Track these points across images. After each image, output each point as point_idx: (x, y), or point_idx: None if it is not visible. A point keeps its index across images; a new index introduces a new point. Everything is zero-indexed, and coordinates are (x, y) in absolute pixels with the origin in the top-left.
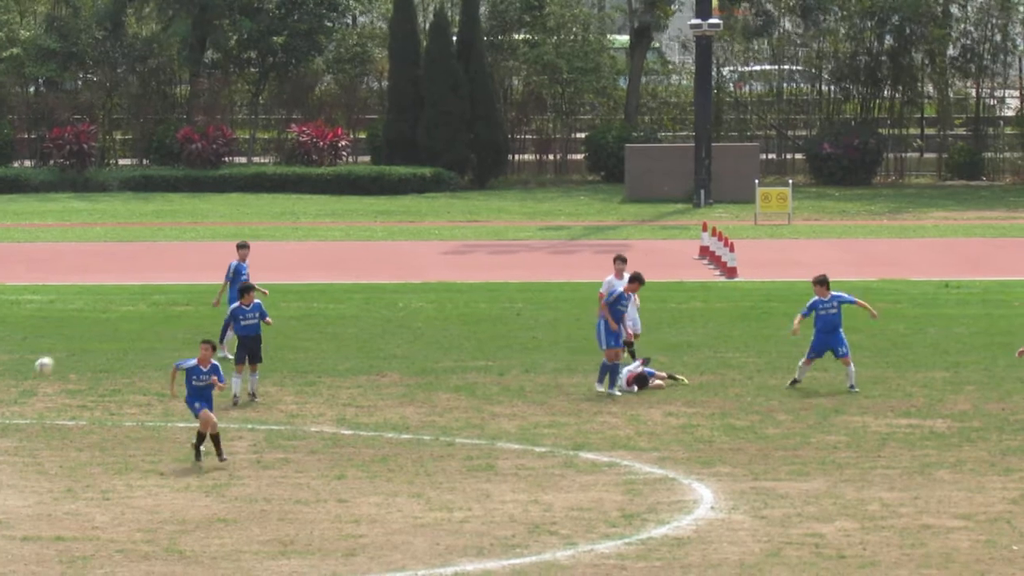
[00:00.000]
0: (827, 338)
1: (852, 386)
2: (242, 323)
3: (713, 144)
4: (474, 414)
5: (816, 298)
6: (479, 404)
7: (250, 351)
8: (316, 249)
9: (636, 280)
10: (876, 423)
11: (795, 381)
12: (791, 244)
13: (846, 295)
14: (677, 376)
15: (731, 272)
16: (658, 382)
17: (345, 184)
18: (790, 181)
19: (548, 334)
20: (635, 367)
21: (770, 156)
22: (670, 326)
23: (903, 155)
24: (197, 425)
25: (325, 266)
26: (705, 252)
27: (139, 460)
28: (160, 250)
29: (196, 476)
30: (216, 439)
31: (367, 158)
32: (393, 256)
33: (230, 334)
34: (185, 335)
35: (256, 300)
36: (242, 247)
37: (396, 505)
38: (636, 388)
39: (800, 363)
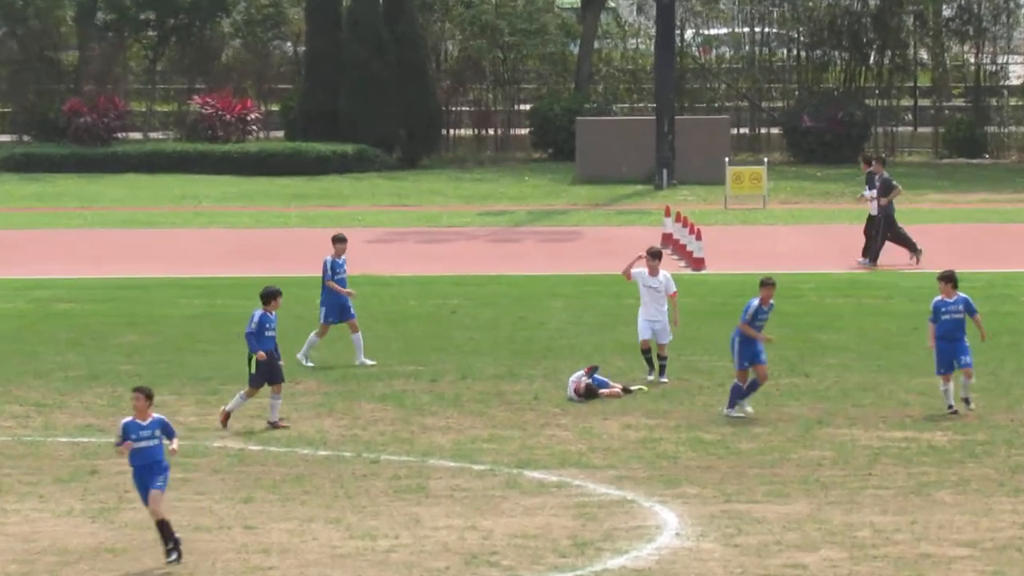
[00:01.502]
0: (950, 347)
1: (967, 400)
2: (266, 334)
3: (677, 117)
4: (402, 427)
5: (939, 298)
6: (408, 415)
7: (270, 372)
8: (221, 238)
9: (768, 285)
10: (866, 436)
11: (950, 407)
12: (767, 231)
13: (972, 302)
14: (632, 387)
15: (698, 263)
16: (615, 389)
17: (255, 163)
18: (765, 159)
19: (488, 335)
20: (578, 377)
21: (742, 131)
22: (627, 325)
23: (894, 129)
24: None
25: (231, 257)
26: (668, 241)
27: (15, 481)
28: (42, 239)
29: (80, 499)
30: (163, 527)
31: (280, 134)
32: (309, 246)
33: (313, 338)
34: (68, 335)
35: (275, 313)
36: (339, 240)
37: (312, 532)
38: (579, 397)
39: (941, 388)
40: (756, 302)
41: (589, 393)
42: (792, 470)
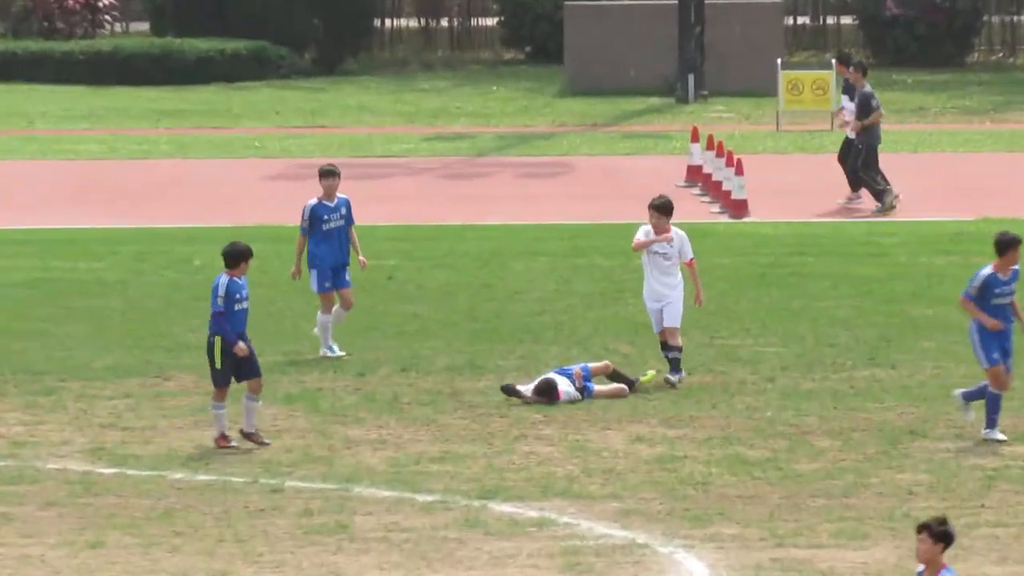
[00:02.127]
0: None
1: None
2: (238, 308)
3: (709, 1)
4: (317, 440)
5: (990, 272)
6: (325, 424)
7: (241, 361)
8: (61, 172)
9: (1011, 245)
10: (977, 452)
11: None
12: (836, 163)
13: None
14: (635, 378)
15: (739, 208)
16: (612, 386)
17: (109, 68)
18: (833, 61)
19: (439, 310)
20: (567, 378)
21: (801, 21)
22: (636, 295)
23: (1015, 19)
24: None
25: (75, 200)
26: (696, 176)
27: None
28: None
29: None
30: None
31: (144, 26)
32: (186, 184)
33: (321, 317)
34: None
35: (245, 277)
36: (327, 175)
37: None
38: (535, 396)
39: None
40: (987, 270)
41: (546, 391)
42: (872, 501)
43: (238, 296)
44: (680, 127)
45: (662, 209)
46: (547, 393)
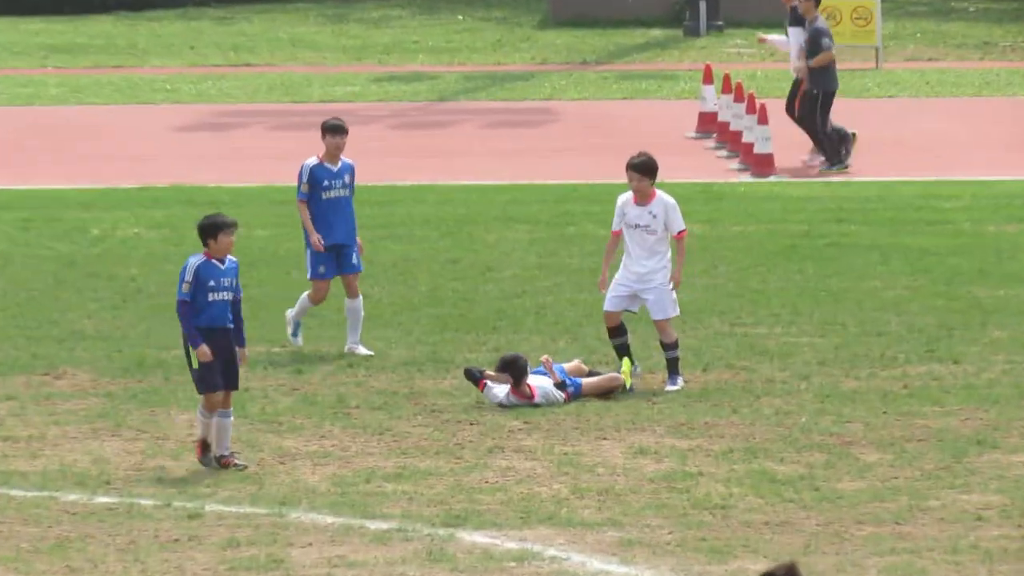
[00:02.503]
0: None
1: None
2: (213, 298)
3: None
4: (244, 452)
5: None
6: (254, 432)
7: (230, 362)
8: None
9: None
10: None
11: None
12: (881, 110)
13: None
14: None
15: (763, 164)
16: (604, 377)
17: None
18: None
19: (392, 291)
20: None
21: None
22: None
23: None
24: None
25: None
26: (711, 125)
27: None
28: None
29: None
30: None
31: None
32: (81, 136)
33: (294, 312)
34: None
35: (230, 257)
36: (333, 131)
37: None
38: (498, 373)
39: None
40: None
41: (511, 365)
42: (931, 528)
43: (212, 283)
44: (690, 65)
45: (643, 169)
46: (513, 368)
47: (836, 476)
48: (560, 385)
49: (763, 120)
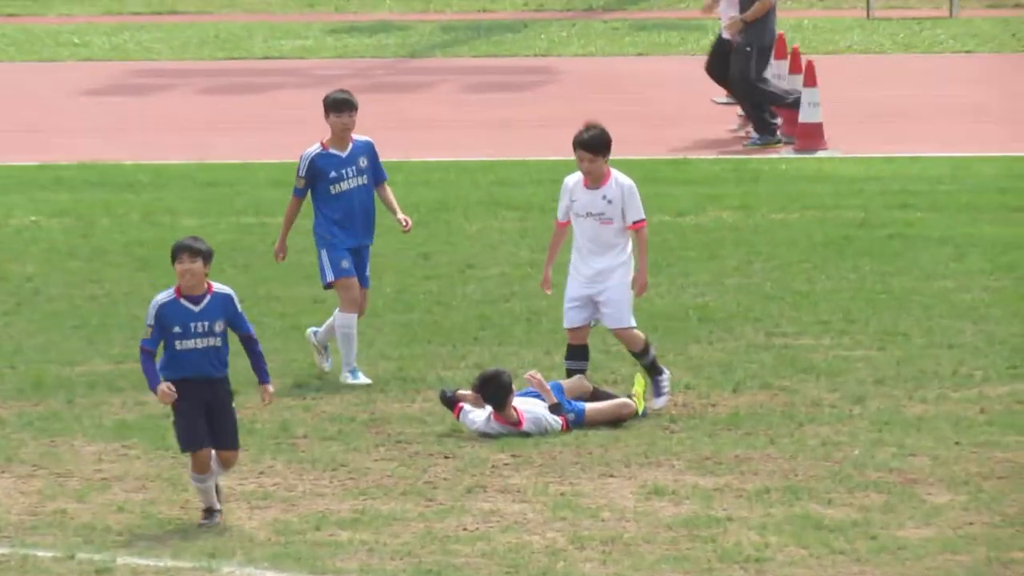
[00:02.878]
0: None
1: None
2: (181, 347)
3: None
4: (164, 492)
5: None
6: (177, 467)
7: (216, 415)
8: None
9: None
10: None
11: None
12: (957, 66)
13: None
14: (632, 397)
15: (810, 136)
16: (613, 403)
17: None
18: None
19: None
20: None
21: None
22: (665, 269)
23: None
24: None
25: None
26: None
27: None
28: None
29: None
30: None
31: None
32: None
33: (341, 316)
34: None
35: (218, 291)
36: (340, 107)
37: None
38: (476, 394)
39: None
40: None
41: (492, 381)
42: None
43: (178, 328)
44: (719, 13)
45: (595, 146)
46: (491, 387)
47: (897, 522)
48: (556, 408)
49: (811, 81)
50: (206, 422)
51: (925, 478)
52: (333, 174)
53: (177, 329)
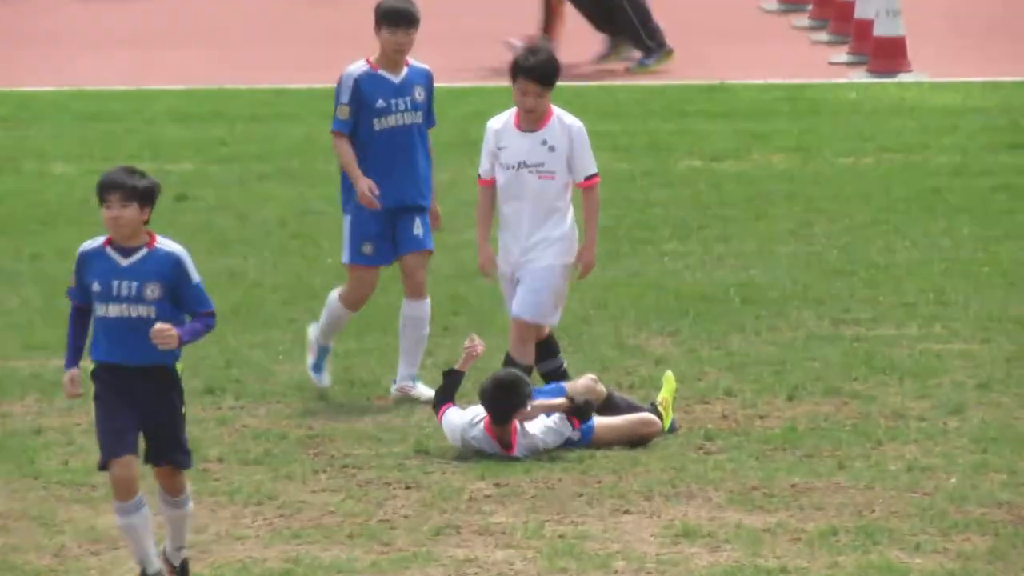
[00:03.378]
0: None
1: None
2: (99, 315)
3: None
4: (32, 534)
5: None
6: (43, 496)
7: (146, 423)
8: None
9: None
10: None
11: None
12: None
13: None
14: (651, 404)
15: (889, 54)
16: (630, 419)
17: None
18: None
19: (280, 268)
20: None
21: None
22: (696, 233)
23: None
24: None
25: None
26: None
27: None
28: None
29: None
30: None
31: None
32: None
33: (317, 329)
34: None
35: (161, 246)
36: (394, 20)
37: None
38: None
39: None
40: None
41: (507, 389)
42: None
43: (97, 285)
44: None
45: (544, 75)
46: (507, 394)
47: (1009, 572)
48: (573, 411)
49: None
50: (136, 426)
51: None
52: (380, 103)
53: (96, 287)
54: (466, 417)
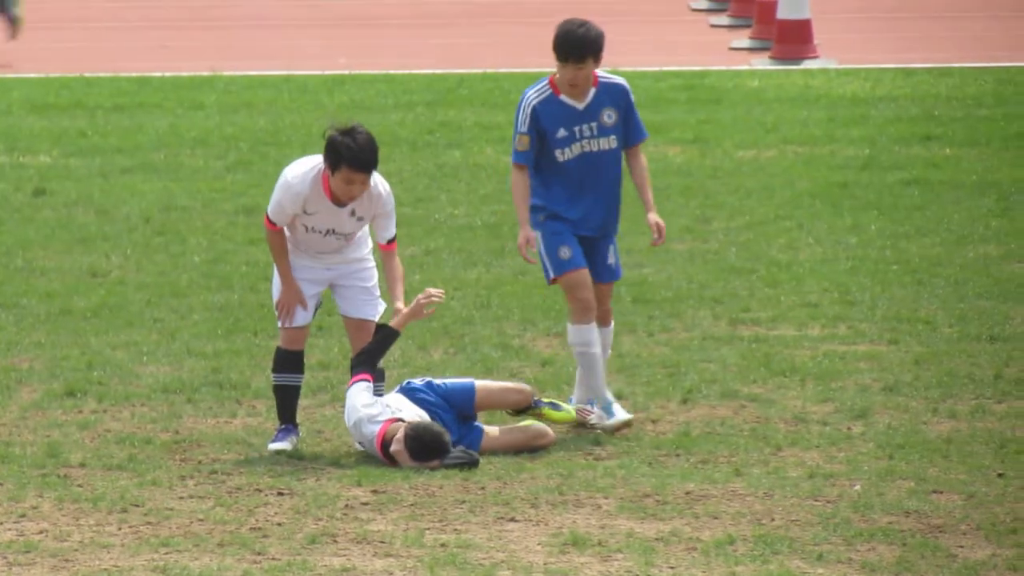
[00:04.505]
0: None
1: None
2: None
3: None
4: None
5: None
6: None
7: None
8: None
9: None
10: None
11: None
12: None
13: None
14: (559, 404)
15: (792, 38)
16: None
17: None
18: None
19: (147, 258)
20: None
21: None
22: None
23: None
24: None
25: None
26: None
27: None
28: None
29: None
30: None
31: None
32: None
33: (579, 328)
34: None
35: None
36: (567, 51)
37: None
38: (370, 438)
39: None
40: None
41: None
42: None
43: None
44: None
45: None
46: (429, 448)
47: None
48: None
49: None
50: None
51: (955, 524)
52: (562, 132)
53: None
54: (370, 411)
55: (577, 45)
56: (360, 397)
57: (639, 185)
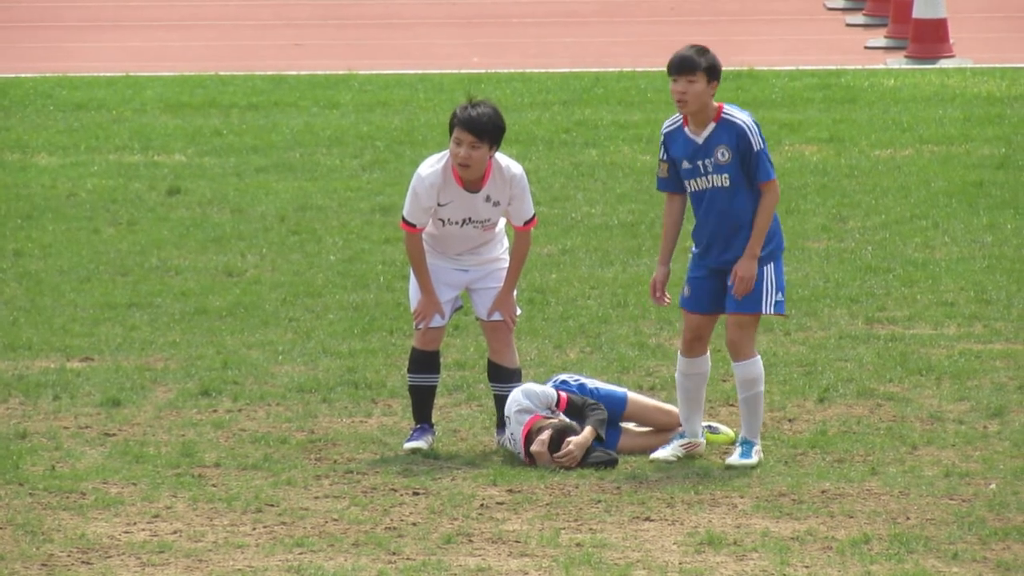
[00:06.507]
0: None
1: None
2: None
3: None
4: (20, 544)
5: None
6: (29, 503)
7: None
8: None
9: None
10: None
11: None
12: None
13: None
14: (716, 427)
15: (929, 38)
16: (640, 432)
17: None
18: None
19: (284, 257)
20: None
21: None
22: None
23: None
24: None
25: None
26: None
27: None
28: None
29: None
30: None
31: None
32: None
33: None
34: None
35: None
36: (672, 68)
37: None
38: (511, 436)
39: None
40: None
41: (558, 437)
42: None
43: None
44: None
45: (474, 127)
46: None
47: None
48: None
49: None
50: None
51: None
52: (686, 164)
53: None
54: (534, 399)
55: (683, 61)
56: (533, 385)
57: (752, 224)
